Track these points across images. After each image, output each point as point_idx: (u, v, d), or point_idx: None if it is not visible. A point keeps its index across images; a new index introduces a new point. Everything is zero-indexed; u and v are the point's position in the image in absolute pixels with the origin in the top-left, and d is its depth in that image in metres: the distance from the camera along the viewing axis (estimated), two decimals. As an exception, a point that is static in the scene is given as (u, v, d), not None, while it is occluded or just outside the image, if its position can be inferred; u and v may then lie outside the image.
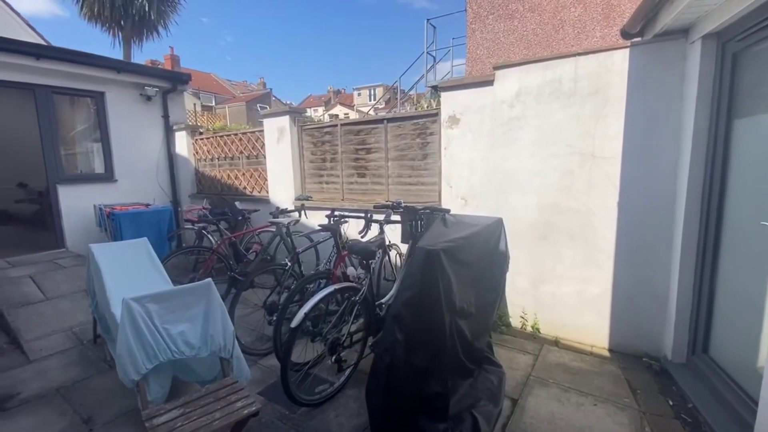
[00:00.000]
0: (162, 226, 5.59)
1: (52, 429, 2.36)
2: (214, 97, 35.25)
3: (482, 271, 2.77)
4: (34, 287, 4.28)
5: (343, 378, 2.72)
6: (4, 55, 4.98)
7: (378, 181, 4.54)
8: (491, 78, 3.50)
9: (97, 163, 6.41)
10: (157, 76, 6.76)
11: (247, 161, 6.06)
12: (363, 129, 4.60)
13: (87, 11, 11.25)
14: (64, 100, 6.01)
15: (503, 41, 7.18)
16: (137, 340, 1.88)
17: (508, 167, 3.50)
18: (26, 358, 3.24)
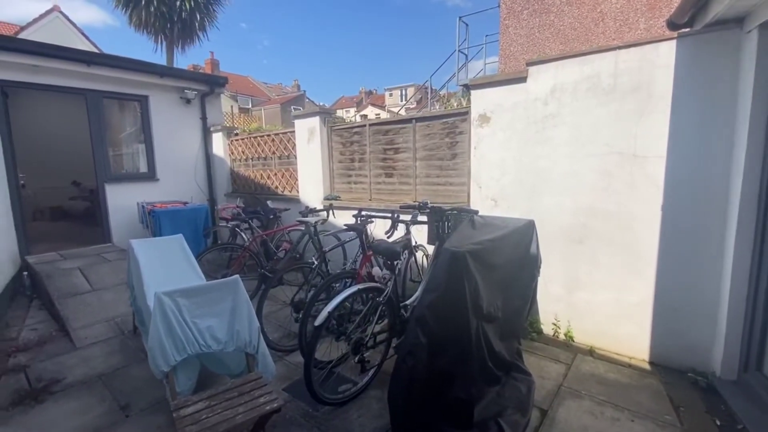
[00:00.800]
0: (198, 223, 5.83)
1: (92, 414, 2.50)
2: (250, 99, 36.51)
3: (511, 274, 2.68)
4: (82, 279, 4.58)
5: (367, 378, 2.70)
6: (60, 62, 5.37)
7: (405, 181, 4.51)
8: (524, 75, 3.38)
9: (141, 163, 6.78)
10: (195, 79, 7.06)
11: (279, 161, 6.20)
12: (391, 129, 4.58)
13: (136, 20, 11.98)
14: (112, 104, 6.40)
15: (538, 37, 6.94)
16: (167, 333, 1.96)
17: (542, 167, 3.36)
18: (73, 345, 3.47)
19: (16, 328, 3.87)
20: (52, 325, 3.91)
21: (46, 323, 3.99)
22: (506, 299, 2.59)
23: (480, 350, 2.30)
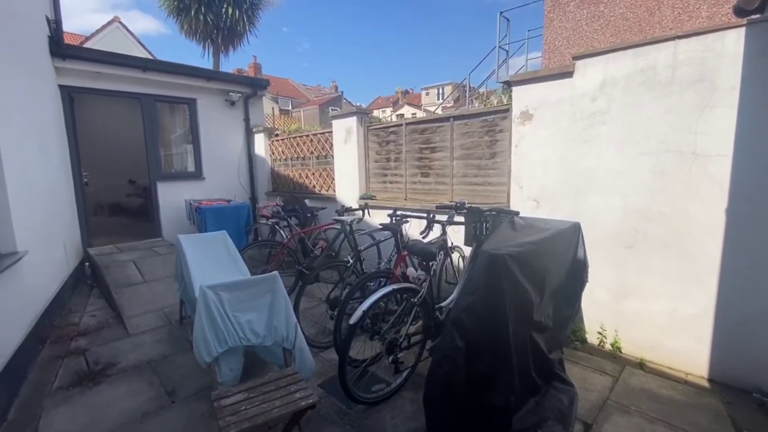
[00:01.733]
0: (240, 220, 6.07)
1: (142, 398, 2.67)
2: (290, 101, 37.62)
3: (560, 281, 2.54)
4: (135, 270, 4.91)
5: (400, 379, 2.68)
6: (119, 68, 5.79)
7: (442, 180, 4.43)
8: (570, 69, 3.21)
9: (189, 163, 7.16)
10: (239, 82, 7.35)
11: (317, 161, 6.32)
12: (428, 128, 4.52)
13: (187, 28, 12.72)
14: (163, 107, 6.82)
15: (585, 29, 6.59)
16: (210, 325, 2.05)
17: (588, 167, 3.18)
18: (126, 332, 3.72)
19: (78, 314, 4.21)
20: (108, 313, 4.22)
21: (103, 310, 4.31)
22: (556, 307, 2.47)
23: (524, 357, 2.21)
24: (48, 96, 4.91)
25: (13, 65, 3.53)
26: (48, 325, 3.61)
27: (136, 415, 2.47)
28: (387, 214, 4.03)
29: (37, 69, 4.52)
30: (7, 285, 2.85)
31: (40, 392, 2.74)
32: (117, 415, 2.48)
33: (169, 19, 12.79)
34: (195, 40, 13.09)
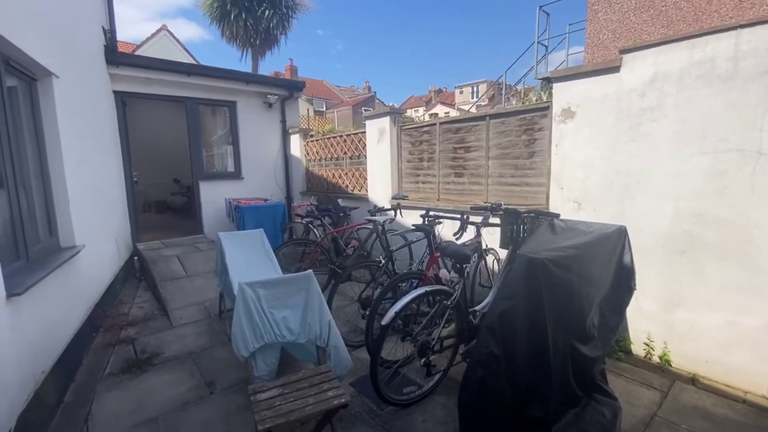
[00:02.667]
0: (276, 219, 6.24)
1: (183, 387, 2.80)
2: (325, 102, 38.29)
3: (605, 288, 2.41)
4: (179, 265, 5.17)
5: (432, 383, 2.64)
6: (166, 74, 6.12)
7: (476, 181, 4.33)
8: (617, 63, 3.03)
9: (229, 163, 7.46)
10: (277, 85, 7.57)
11: (350, 161, 6.38)
12: (462, 127, 4.44)
13: (228, 33, 13.29)
14: (206, 109, 7.14)
15: (633, 21, 6.22)
16: (248, 321, 2.11)
17: (636, 167, 2.99)
18: (170, 324, 3.92)
19: (128, 305, 4.49)
20: (154, 305, 4.47)
21: (150, 302, 4.57)
22: (602, 317, 2.35)
23: (564, 367, 2.11)
24: (104, 101, 5.28)
25: (76, 74, 3.81)
26: (101, 314, 3.87)
27: (178, 404, 2.60)
28: (419, 214, 3.99)
29: (95, 76, 4.86)
30: (68, 276, 3.08)
31: (94, 377, 2.94)
32: (161, 403, 2.62)
33: (212, 25, 13.39)
34: (235, 44, 13.62)
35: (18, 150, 2.65)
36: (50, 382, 2.49)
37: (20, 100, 2.83)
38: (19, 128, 2.75)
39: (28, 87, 2.98)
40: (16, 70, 2.72)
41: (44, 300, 2.57)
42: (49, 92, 3.14)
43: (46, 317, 2.59)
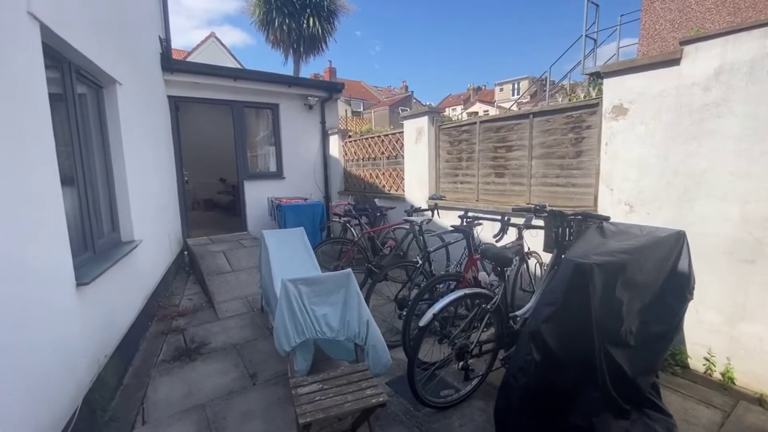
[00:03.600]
0: (315, 218, 6.40)
1: (228, 377, 2.94)
2: (362, 103, 38.72)
3: (652, 294, 2.26)
4: (224, 261, 5.43)
5: (470, 387, 2.59)
6: (214, 78, 6.46)
7: (518, 181, 4.20)
8: (676, 56, 2.82)
9: (271, 163, 7.73)
10: (317, 87, 7.75)
11: (387, 161, 6.41)
12: (504, 125, 4.31)
13: (272, 38, 13.81)
14: (251, 112, 7.44)
15: (695, 10, 5.76)
16: (290, 316, 2.18)
17: (697, 167, 2.76)
18: (216, 316, 4.13)
19: (178, 297, 4.79)
20: (202, 297, 4.72)
21: (198, 295, 4.84)
22: (643, 323, 2.20)
23: (603, 377, 2.00)
24: (160, 106, 5.66)
25: (136, 81, 4.11)
26: (155, 304, 4.15)
27: (224, 393, 2.73)
28: (457, 215, 3.93)
29: (152, 83, 5.22)
30: (128, 268, 3.33)
31: (149, 363, 3.16)
32: (208, 390, 2.77)
33: (257, 31, 13.94)
34: (279, 49, 14.11)
35: (87, 152, 2.90)
36: (111, 365, 2.70)
37: (89, 106, 3.10)
38: (88, 132, 3.00)
39: (96, 94, 3.25)
40: (86, 78, 2.98)
41: (108, 289, 2.79)
42: (114, 98, 3.40)
43: (109, 305, 2.82)
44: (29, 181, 1.86)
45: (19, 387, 1.65)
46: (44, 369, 1.86)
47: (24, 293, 1.75)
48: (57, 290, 2.06)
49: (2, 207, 1.63)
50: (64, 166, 2.59)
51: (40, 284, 1.90)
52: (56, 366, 1.97)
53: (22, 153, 1.82)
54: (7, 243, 1.64)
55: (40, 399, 1.80)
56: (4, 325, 1.59)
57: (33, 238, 1.86)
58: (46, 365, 1.88)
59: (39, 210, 1.94)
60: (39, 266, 1.89)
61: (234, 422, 2.41)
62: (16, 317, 1.68)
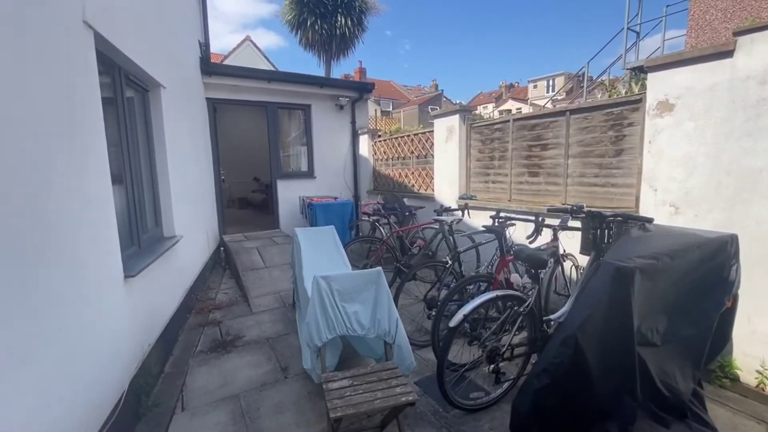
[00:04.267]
0: (345, 216, 6.47)
1: (261, 370, 3.03)
2: (392, 102, 38.76)
3: (689, 297, 2.13)
4: (258, 257, 5.61)
5: (500, 391, 2.54)
6: (250, 81, 6.68)
7: (553, 181, 4.06)
8: (729, 48, 2.63)
9: (302, 163, 7.90)
10: (348, 87, 7.84)
11: (417, 161, 6.38)
12: (539, 123, 4.19)
13: (304, 40, 14.12)
14: (284, 113, 7.64)
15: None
16: (321, 312, 2.22)
17: (753, 166, 2.57)
18: (250, 310, 4.27)
19: (215, 291, 4.99)
20: (237, 292, 4.90)
21: (233, 289, 5.03)
22: (671, 323, 2.06)
23: (640, 383, 1.92)
24: (199, 108, 5.91)
25: (178, 84, 4.33)
26: (193, 297, 4.35)
27: (257, 384, 2.83)
28: (489, 215, 3.87)
29: (193, 86, 5.46)
30: (169, 262, 3.51)
31: (187, 353, 3.31)
32: (242, 381, 2.87)
33: (290, 33, 14.29)
34: (311, 51, 14.39)
35: (134, 152, 3.08)
36: (154, 354, 2.86)
37: (135, 109, 3.29)
38: (135, 133, 3.19)
39: (142, 97, 3.44)
40: (134, 82, 3.16)
41: (151, 282, 2.95)
42: (158, 101, 3.59)
43: (152, 297, 2.99)
44: (84, 181, 2.00)
45: (74, 370, 1.78)
46: (96, 355, 2.00)
47: (79, 283, 1.89)
48: (107, 282, 2.21)
49: (61, 205, 1.76)
50: (113, 166, 2.77)
51: (93, 276, 2.04)
52: (106, 352, 2.11)
53: (78, 154, 1.96)
54: (65, 239, 1.78)
55: (92, 382, 1.93)
56: (62, 313, 1.72)
57: (87, 234, 2.00)
58: (98, 351, 2.02)
59: (92, 208, 2.09)
60: (92, 260, 2.03)
61: (267, 413, 2.49)
62: (73, 306, 1.81)
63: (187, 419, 2.46)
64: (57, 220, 1.71)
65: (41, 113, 1.66)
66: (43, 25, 1.71)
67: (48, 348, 1.59)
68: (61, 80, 1.83)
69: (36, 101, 1.62)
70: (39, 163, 1.62)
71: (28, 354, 1.46)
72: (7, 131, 1.42)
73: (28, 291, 1.49)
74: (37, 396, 1.50)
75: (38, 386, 1.51)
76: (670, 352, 2.11)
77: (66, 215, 1.80)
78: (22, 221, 1.48)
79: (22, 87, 1.54)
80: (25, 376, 1.43)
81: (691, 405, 2.20)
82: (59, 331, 1.67)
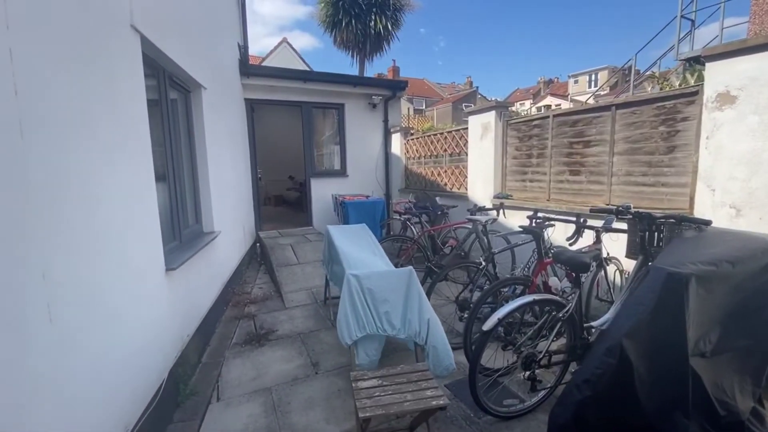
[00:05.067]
0: (376, 214, 6.48)
1: (294, 363, 3.08)
2: (424, 100, 38.45)
3: (745, 305, 1.93)
4: (292, 254, 5.72)
5: (536, 399, 2.43)
6: (286, 81, 6.83)
7: (597, 180, 3.84)
8: (806, 31, 2.36)
9: (335, 162, 7.99)
10: (381, 86, 7.84)
11: (450, 159, 6.27)
12: (582, 119, 3.97)
13: (339, 40, 14.29)
14: (318, 112, 7.75)
15: (829, -24, 4.79)
16: (352, 310, 2.21)
17: (831, 164, 2.29)
18: (283, 305, 4.36)
19: (250, 285, 5.15)
20: (271, 287, 5.03)
21: (268, 284, 5.16)
22: (728, 335, 1.87)
23: (692, 397, 1.76)
24: (238, 108, 6.12)
25: (218, 85, 4.49)
26: (230, 291, 4.50)
27: (288, 378, 2.87)
28: (526, 215, 3.71)
29: (232, 87, 5.66)
30: (208, 256, 3.65)
31: (224, 345, 3.43)
32: (274, 375, 2.93)
33: (324, 34, 14.52)
34: (345, 50, 14.54)
35: (176, 150, 3.22)
36: (192, 344, 2.98)
37: (178, 109, 3.44)
38: (177, 133, 3.33)
39: (184, 98, 3.60)
40: (177, 84, 3.30)
41: (191, 275, 3.08)
42: (199, 102, 3.74)
43: (192, 290, 3.11)
44: (131, 178, 2.11)
45: (120, 356, 1.88)
46: (139, 342, 2.10)
47: (124, 276, 1.99)
48: (150, 274, 2.32)
49: (110, 200, 1.86)
50: (157, 165, 2.90)
51: (138, 268, 2.15)
52: (149, 341, 2.22)
53: (124, 154, 2.06)
54: (114, 233, 1.88)
55: (136, 367, 2.03)
56: (109, 303, 1.81)
57: (133, 228, 2.10)
58: (141, 339, 2.12)
59: (140, 206, 2.19)
60: (136, 253, 2.13)
61: (297, 407, 2.52)
62: (119, 297, 1.91)
63: (221, 409, 2.54)
64: (110, 218, 1.82)
65: (95, 116, 1.75)
66: (94, 30, 1.81)
67: (97, 335, 1.68)
68: (111, 84, 1.93)
69: (89, 104, 1.72)
70: (95, 166, 1.72)
71: (80, 340, 1.55)
72: (71, 134, 1.52)
73: (81, 283, 1.58)
74: (86, 379, 1.59)
75: (88, 370, 1.60)
76: (726, 366, 1.93)
77: (118, 214, 1.90)
78: (79, 219, 1.57)
79: (81, 93, 1.64)
80: (77, 360, 1.52)
81: (750, 425, 1.99)
82: (107, 320, 1.77)
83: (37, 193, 1.34)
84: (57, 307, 1.40)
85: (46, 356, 1.34)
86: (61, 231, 1.46)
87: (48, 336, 1.35)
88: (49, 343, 1.36)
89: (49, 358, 1.36)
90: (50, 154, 1.43)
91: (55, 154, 1.46)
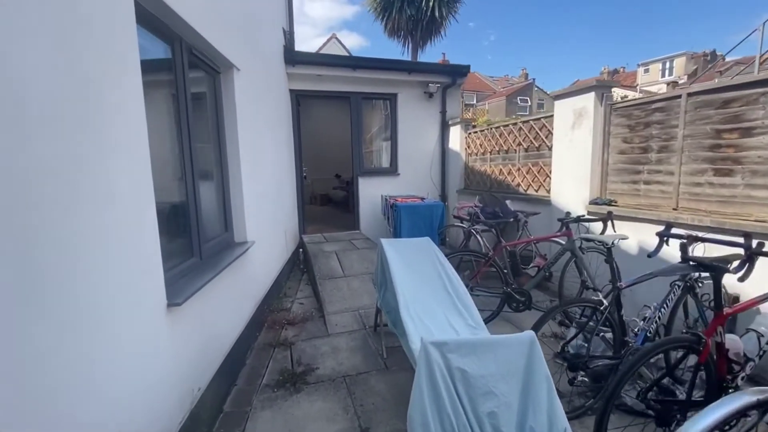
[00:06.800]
0: (434, 221, 5.58)
1: (336, 425, 2.30)
2: (475, 95, 36.64)
3: None
4: (336, 263, 5.01)
5: None
6: (335, 69, 6.15)
7: (763, 183, 2.68)
8: None
9: (384, 159, 7.20)
10: (439, 71, 6.89)
11: (525, 154, 5.21)
12: (736, 97, 2.82)
13: (390, 27, 13.54)
14: (367, 104, 6.98)
15: None
16: (433, 402, 1.35)
17: None
18: (326, 330, 3.63)
19: (290, 299, 4.50)
20: (313, 303, 4.33)
21: (309, 299, 4.48)
22: None
23: None
24: (282, 99, 5.50)
25: (256, 70, 3.84)
26: (266, 309, 3.85)
27: (330, 452, 2.10)
28: (655, 231, 2.62)
29: (275, 74, 5.03)
30: (239, 272, 2.99)
31: (252, 386, 2.74)
32: (311, 442, 2.17)
33: (375, 22, 13.81)
34: (396, 38, 13.76)
35: (196, 144, 2.56)
36: (208, 396, 2.29)
37: (205, 94, 2.79)
38: (198, 122, 2.68)
39: (212, 80, 2.95)
40: (201, 61, 2.64)
41: (211, 301, 2.41)
42: (230, 85, 3.09)
43: (209, 323, 2.44)
44: (112, 176, 1.41)
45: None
46: (122, 416, 1.41)
47: (92, 327, 1.30)
48: (140, 316, 1.63)
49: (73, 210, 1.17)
50: (169, 162, 2.25)
51: (119, 310, 1.46)
52: (135, 411, 1.53)
53: (93, 144, 1.37)
54: (64, 266, 1.18)
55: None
56: (59, 375, 1.12)
57: (107, 254, 1.41)
58: (125, 411, 1.44)
59: (123, 215, 1.50)
60: (116, 289, 1.45)
61: None
62: (78, 364, 1.22)
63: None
64: (70, 238, 1.11)
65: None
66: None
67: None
68: (71, 40, 1.24)
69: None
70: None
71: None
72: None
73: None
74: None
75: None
76: None
77: (86, 231, 1.20)
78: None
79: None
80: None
81: None
82: (55, 395, 1.07)
83: None
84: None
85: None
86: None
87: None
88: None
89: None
90: None
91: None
